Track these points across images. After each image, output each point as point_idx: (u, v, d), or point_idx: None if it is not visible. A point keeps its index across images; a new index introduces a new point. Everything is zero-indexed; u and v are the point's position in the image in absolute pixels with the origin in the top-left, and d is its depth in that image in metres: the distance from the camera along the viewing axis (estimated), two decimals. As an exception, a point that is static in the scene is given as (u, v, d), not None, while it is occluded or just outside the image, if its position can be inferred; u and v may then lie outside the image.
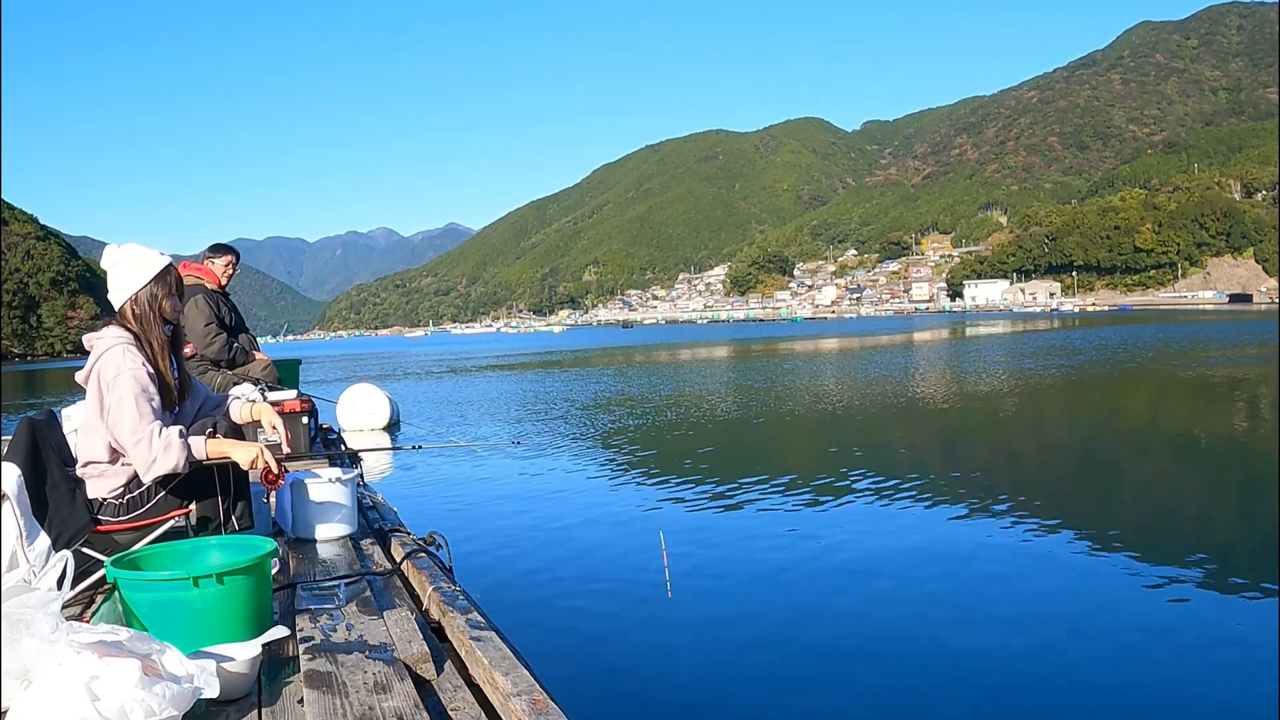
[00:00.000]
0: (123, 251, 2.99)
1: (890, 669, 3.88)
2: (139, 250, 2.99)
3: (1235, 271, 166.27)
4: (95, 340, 2.92)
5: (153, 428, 2.79)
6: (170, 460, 2.79)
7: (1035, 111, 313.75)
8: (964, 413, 14.02)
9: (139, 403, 2.79)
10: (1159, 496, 7.71)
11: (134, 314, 2.93)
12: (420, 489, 8.83)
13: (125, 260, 2.97)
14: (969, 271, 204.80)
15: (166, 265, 2.99)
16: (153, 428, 2.79)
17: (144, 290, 2.94)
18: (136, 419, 2.77)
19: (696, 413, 15.09)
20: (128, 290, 2.94)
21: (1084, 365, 22.67)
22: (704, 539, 6.30)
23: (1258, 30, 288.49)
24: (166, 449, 2.78)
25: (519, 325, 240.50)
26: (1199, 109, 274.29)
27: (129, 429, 2.77)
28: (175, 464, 2.80)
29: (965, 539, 6.01)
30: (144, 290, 2.94)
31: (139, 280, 2.94)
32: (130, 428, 2.77)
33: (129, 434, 2.77)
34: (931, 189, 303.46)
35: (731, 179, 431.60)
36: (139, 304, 2.94)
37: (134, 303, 2.94)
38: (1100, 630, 4.22)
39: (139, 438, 2.77)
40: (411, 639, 2.36)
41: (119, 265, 2.97)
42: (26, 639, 1.75)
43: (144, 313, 2.93)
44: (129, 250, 2.99)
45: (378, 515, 4.27)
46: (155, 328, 2.95)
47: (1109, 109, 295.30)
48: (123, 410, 2.78)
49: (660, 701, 3.67)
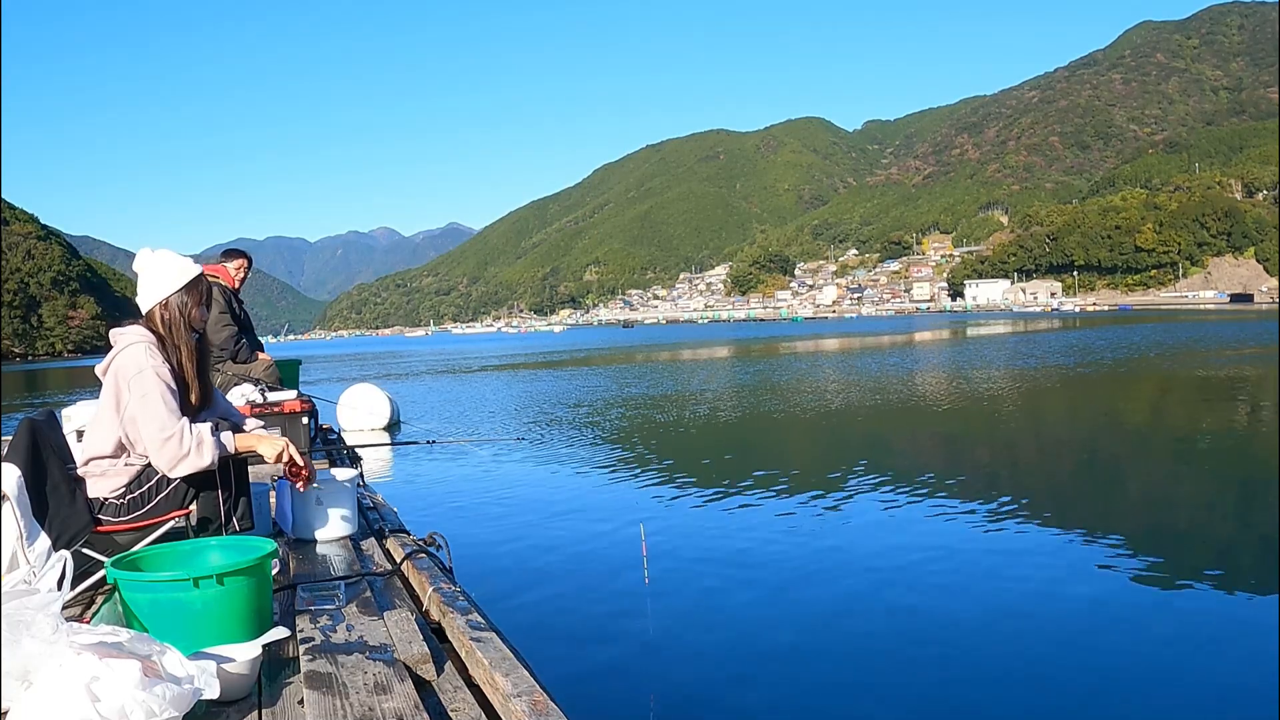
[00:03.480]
0: (156, 256, 3.01)
1: (890, 667, 3.88)
2: (172, 257, 3.02)
3: (1236, 271, 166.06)
4: (119, 335, 2.94)
5: (183, 423, 2.80)
6: (204, 456, 2.80)
7: (1036, 111, 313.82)
8: (964, 413, 14.01)
9: (165, 399, 2.80)
10: (1159, 496, 7.71)
11: (162, 319, 2.95)
12: (420, 489, 8.83)
13: (158, 266, 2.99)
14: (970, 271, 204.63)
15: (198, 275, 3.02)
16: (183, 423, 2.80)
17: (174, 296, 2.96)
18: (166, 415, 2.78)
19: (697, 413, 15.09)
20: (158, 295, 2.96)
21: (1085, 365, 22.65)
22: (704, 538, 6.30)
23: (1259, 30, 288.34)
24: (199, 445, 2.80)
25: (520, 325, 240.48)
26: (1200, 109, 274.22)
27: (158, 425, 2.77)
28: (209, 460, 2.82)
29: (961, 535, 6.00)
30: (174, 296, 2.96)
31: (170, 287, 2.96)
32: (160, 424, 2.77)
33: (158, 430, 2.77)
34: (932, 189, 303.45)
35: (732, 179, 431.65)
36: (168, 309, 2.96)
37: (163, 308, 2.96)
38: (1100, 630, 4.22)
39: (169, 433, 2.77)
40: (411, 640, 2.36)
41: (151, 270, 2.99)
42: (27, 640, 1.75)
43: (173, 318, 2.95)
44: (162, 256, 3.01)
45: (378, 516, 4.27)
46: (183, 334, 2.96)
47: (1110, 109, 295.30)
48: (149, 406, 2.78)
49: (660, 702, 3.66)
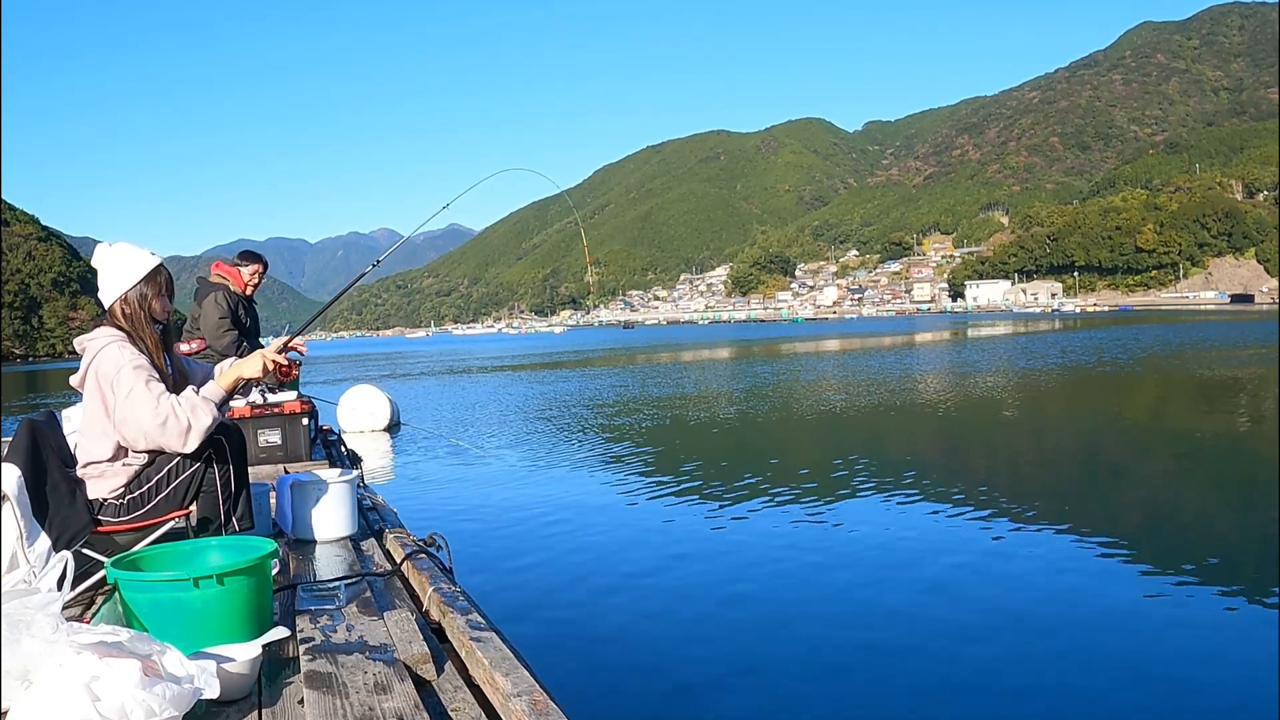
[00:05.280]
0: (113, 251, 2.99)
1: (890, 664, 3.88)
2: (129, 250, 2.99)
3: (1237, 272, 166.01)
4: (88, 342, 2.92)
5: (171, 401, 2.81)
6: (205, 417, 2.82)
7: (1037, 112, 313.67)
8: (964, 413, 14.01)
9: (150, 386, 2.80)
10: (1160, 496, 7.70)
11: (124, 313, 2.94)
12: (420, 490, 8.83)
13: (115, 259, 2.97)
14: (970, 272, 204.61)
15: (156, 265, 3.00)
16: (171, 401, 2.81)
17: (134, 290, 2.95)
18: (153, 402, 2.78)
19: (697, 413, 15.09)
20: (117, 290, 2.95)
21: (1085, 366, 22.65)
22: (704, 538, 6.30)
23: (1259, 30, 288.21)
24: (194, 410, 2.81)
25: (520, 326, 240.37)
26: (1200, 109, 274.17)
27: (149, 414, 2.77)
28: (210, 419, 2.83)
29: (962, 534, 6.00)
30: (134, 290, 2.95)
31: (129, 280, 2.95)
32: (150, 412, 2.77)
33: (151, 418, 2.77)
34: (933, 189, 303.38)
35: (733, 179, 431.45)
36: (129, 303, 2.95)
37: (124, 302, 2.95)
38: (1099, 629, 4.22)
39: (163, 416, 2.78)
40: (412, 640, 2.36)
41: (109, 264, 2.97)
42: (27, 640, 1.75)
43: (134, 312, 2.95)
44: (119, 249, 2.99)
45: (378, 516, 4.26)
46: (146, 327, 2.96)
47: (1110, 109, 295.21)
48: (136, 399, 2.78)
49: (661, 702, 3.66)
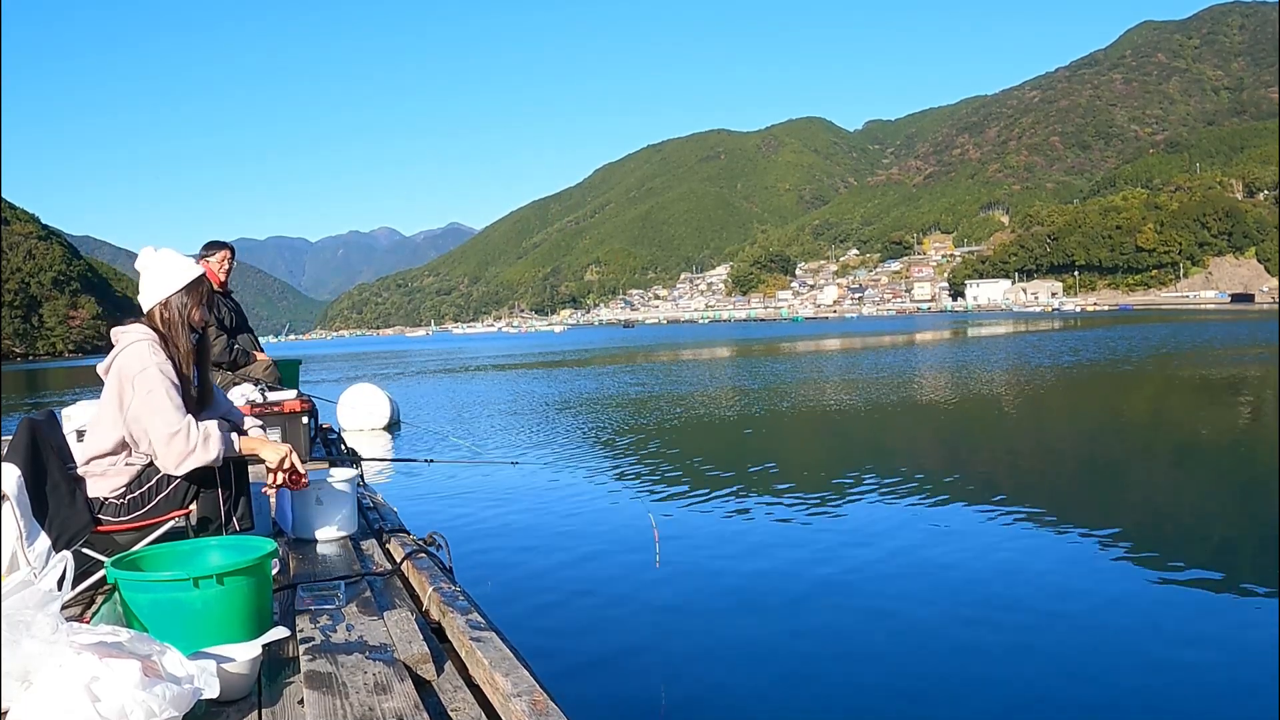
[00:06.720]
0: (159, 256, 3.02)
1: (890, 664, 3.88)
2: (174, 257, 3.03)
3: (1237, 271, 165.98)
4: (121, 334, 2.94)
5: (188, 419, 2.81)
6: (210, 452, 2.82)
7: (1037, 111, 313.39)
8: (965, 412, 14.01)
9: (171, 395, 2.81)
10: (1160, 496, 7.70)
11: (162, 318, 2.96)
12: (420, 490, 8.82)
13: (159, 265, 3.00)
14: (971, 271, 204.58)
15: (200, 275, 3.02)
16: (188, 419, 2.81)
17: (175, 296, 2.97)
18: (171, 411, 2.79)
19: (698, 413, 15.09)
20: (158, 295, 2.97)
21: (1085, 365, 22.65)
22: (704, 538, 6.30)
23: (1259, 30, 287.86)
24: (206, 440, 2.81)
25: (520, 325, 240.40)
26: (1201, 108, 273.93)
27: (164, 420, 2.78)
28: (215, 456, 2.83)
29: (963, 533, 6.00)
30: (175, 296, 2.97)
31: (171, 286, 2.97)
32: (166, 419, 2.78)
33: (164, 425, 2.78)
34: (933, 189, 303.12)
35: (733, 178, 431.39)
36: (169, 309, 2.97)
37: (164, 307, 2.97)
38: (1098, 629, 4.22)
39: (176, 429, 2.78)
40: (411, 639, 2.36)
41: (152, 270, 3.00)
42: (27, 640, 1.75)
43: (172, 318, 2.96)
44: (164, 255, 3.02)
45: (378, 516, 4.27)
46: (182, 334, 2.97)
47: (1111, 108, 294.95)
48: (155, 402, 2.79)
49: (661, 702, 3.66)
